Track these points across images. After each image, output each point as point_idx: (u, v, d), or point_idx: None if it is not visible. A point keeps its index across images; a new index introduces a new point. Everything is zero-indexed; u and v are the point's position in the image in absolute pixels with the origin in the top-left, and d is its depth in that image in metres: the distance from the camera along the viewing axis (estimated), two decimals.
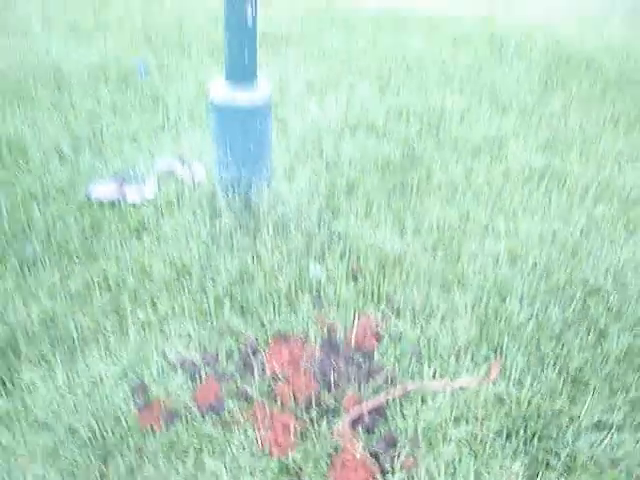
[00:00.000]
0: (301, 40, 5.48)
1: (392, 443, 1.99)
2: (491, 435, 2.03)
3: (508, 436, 2.04)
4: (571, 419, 2.09)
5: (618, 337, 2.40)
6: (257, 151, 2.90)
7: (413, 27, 5.70)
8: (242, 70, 2.70)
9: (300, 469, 1.92)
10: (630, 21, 6.14)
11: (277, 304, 2.53)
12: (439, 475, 1.89)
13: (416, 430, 2.02)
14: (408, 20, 5.86)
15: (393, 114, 4.19)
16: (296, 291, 2.60)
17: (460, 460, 1.94)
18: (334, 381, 2.19)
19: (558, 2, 6.74)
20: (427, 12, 5.91)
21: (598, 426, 2.08)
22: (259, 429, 2.03)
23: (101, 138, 3.73)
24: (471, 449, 1.99)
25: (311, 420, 2.07)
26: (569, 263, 2.79)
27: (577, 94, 4.50)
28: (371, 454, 1.96)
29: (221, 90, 2.80)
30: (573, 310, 2.52)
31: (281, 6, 5.55)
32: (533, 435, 2.04)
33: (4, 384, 2.20)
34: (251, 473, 1.90)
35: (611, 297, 2.59)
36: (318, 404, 2.12)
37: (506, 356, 2.31)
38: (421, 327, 2.45)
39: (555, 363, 2.28)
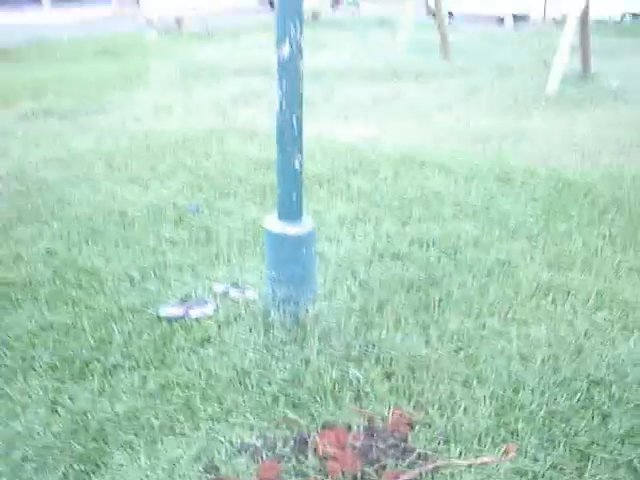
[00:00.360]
0: (330, 180, 6.21)
1: None
2: None
3: None
4: None
5: (620, 420, 2.78)
6: (304, 274, 3.49)
7: (429, 168, 6.46)
8: (291, 207, 3.36)
9: None
10: (622, 154, 6.86)
11: (324, 400, 2.98)
12: None
13: None
14: (424, 163, 6.64)
15: (415, 242, 4.77)
16: (339, 389, 3.06)
17: None
18: (375, 459, 2.60)
19: (557, 140, 7.53)
20: (439, 158, 6.70)
21: None
22: None
23: (164, 267, 4.35)
24: None
25: None
26: (574, 360, 3.22)
27: (577, 218, 5.08)
28: None
29: (275, 224, 3.44)
30: (579, 399, 2.92)
31: (310, 154, 6.35)
32: None
33: (98, 466, 2.64)
34: None
35: (613, 386, 2.99)
36: (362, 477, 2.51)
37: (521, 437, 2.70)
38: (447, 416, 2.86)
39: (564, 442, 2.66)
